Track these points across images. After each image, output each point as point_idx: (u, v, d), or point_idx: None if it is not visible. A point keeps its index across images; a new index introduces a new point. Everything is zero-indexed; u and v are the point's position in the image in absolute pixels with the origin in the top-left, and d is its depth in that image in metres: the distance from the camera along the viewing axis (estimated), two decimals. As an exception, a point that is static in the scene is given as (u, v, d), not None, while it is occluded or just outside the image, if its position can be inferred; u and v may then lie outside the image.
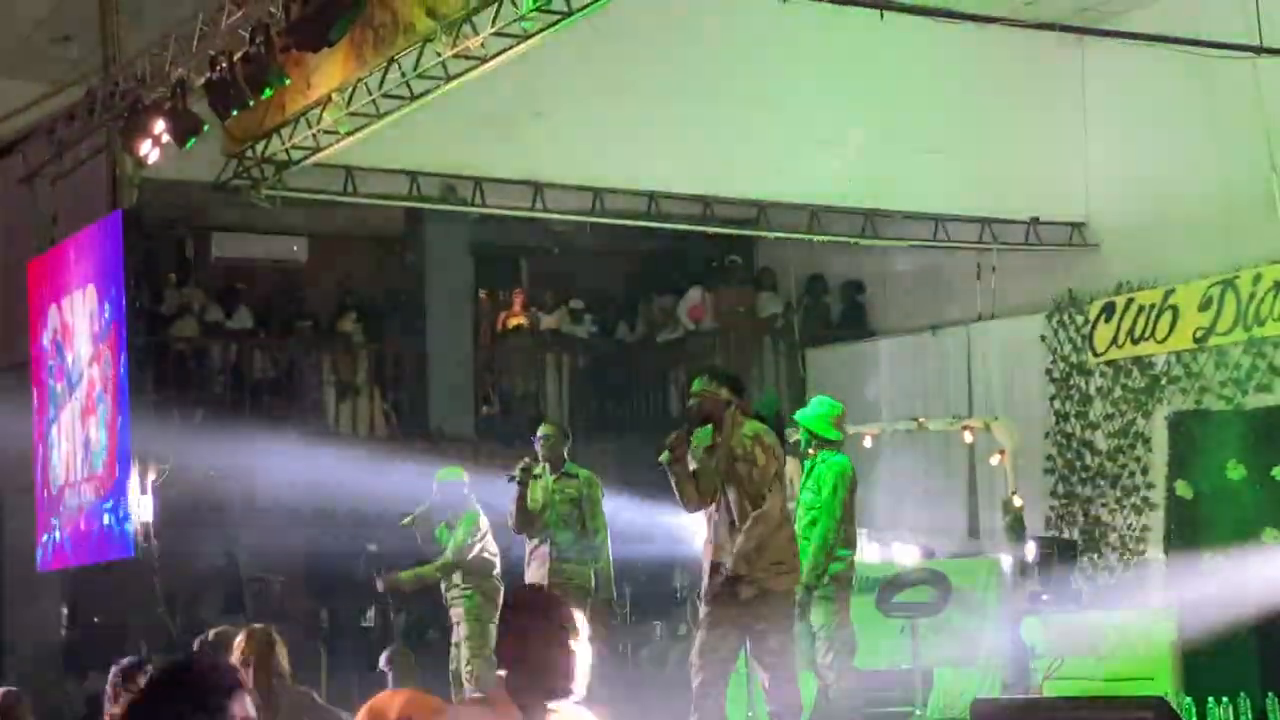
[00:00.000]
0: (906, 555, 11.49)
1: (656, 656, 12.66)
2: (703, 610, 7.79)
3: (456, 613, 10.07)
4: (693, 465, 7.55)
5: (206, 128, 9.93)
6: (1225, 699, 9.04)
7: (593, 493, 9.63)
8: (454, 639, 10.19)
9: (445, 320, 15.10)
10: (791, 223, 13.42)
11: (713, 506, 7.62)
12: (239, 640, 7.09)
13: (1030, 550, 11.51)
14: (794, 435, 11.45)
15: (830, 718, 8.54)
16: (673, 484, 7.58)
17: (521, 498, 9.47)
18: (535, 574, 9.54)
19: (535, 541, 9.67)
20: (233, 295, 15.37)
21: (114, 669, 7.38)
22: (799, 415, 8.98)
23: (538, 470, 9.68)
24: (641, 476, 9.87)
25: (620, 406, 15.86)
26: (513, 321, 15.98)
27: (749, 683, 8.43)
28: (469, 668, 9.87)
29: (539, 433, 9.87)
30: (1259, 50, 10.51)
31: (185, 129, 9.81)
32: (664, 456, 7.52)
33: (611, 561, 9.71)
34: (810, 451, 8.82)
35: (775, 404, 7.80)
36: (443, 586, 10.18)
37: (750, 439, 7.57)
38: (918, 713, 10.14)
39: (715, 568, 7.63)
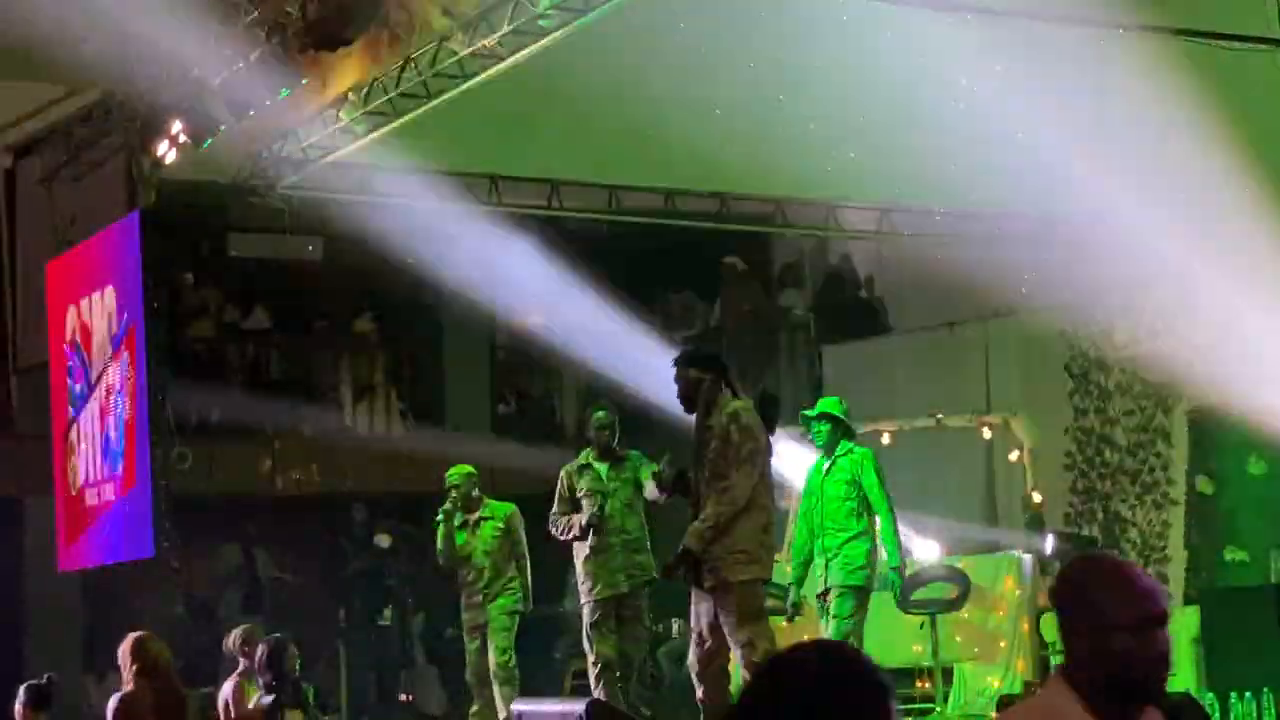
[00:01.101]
0: (926, 552, 11.46)
1: (675, 655, 12.64)
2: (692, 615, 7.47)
3: (494, 608, 9.65)
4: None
5: (223, 128, 9.94)
6: (1248, 694, 9.00)
7: (643, 472, 8.87)
8: (471, 639, 9.78)
9: (461, 319, 15.09)
10: (809, 219, 13.38)
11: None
12: (125, 649, 7.15)
13: (1050, 546, 11.48)
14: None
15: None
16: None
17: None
18: (603, 568, 8.92)
19: (591, 537, 8.94)
20: (249, 295, 15.38)
21: (23, 689, 7.49)
22: (825, 407, 8.78)
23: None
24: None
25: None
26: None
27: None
28: (504, 660, 9.57)
29: (595, 422, 9.14)
30: (1279, 44, 10.46)
31: (202, 129, 9.83)
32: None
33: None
34: (829, 446, 8.69)
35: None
36: (485, 577, 9.74)
37: (728, 417, 7.22)
38: (939, 709, 10.13)
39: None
